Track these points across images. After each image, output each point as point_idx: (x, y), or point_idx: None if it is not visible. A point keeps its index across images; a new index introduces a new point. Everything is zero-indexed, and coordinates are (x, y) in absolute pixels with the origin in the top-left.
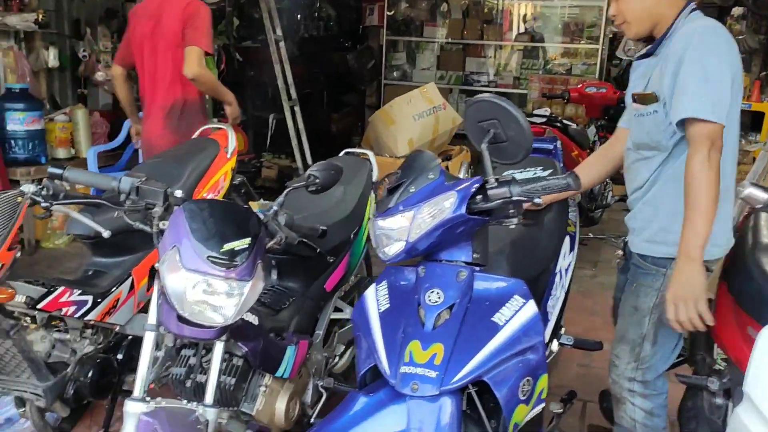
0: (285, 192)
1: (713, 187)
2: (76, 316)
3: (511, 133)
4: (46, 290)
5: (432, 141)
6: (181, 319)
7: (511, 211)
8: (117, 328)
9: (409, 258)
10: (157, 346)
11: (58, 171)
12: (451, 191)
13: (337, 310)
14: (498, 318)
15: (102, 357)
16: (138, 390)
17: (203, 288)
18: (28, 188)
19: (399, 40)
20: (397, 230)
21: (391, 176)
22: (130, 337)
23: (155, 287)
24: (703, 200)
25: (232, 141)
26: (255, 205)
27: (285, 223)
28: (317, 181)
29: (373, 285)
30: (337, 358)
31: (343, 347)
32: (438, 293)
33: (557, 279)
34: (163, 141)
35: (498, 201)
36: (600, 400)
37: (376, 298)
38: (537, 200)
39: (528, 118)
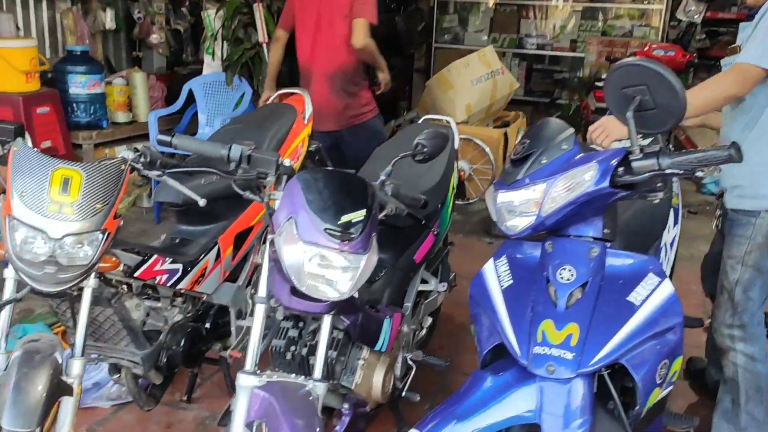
0: (393, 161)
1: (706, 102)
2: (169, 284)
3: (661, 99)
4: (141, 258)
5: (489, 106)
6: (294, 292)
7: (659, 184)
8: (204, 297)
9: (535, 233)
10: (242, 316)
11: (167, 138)
12: (591, 163)
13: (423, 281)
14: (633, 297)
15: (192, 326)
16: (249, 363)
17: (319, 261)
18: (128, 155)
19: (450, 0)
20: (524, 204)
21: (516, 146)
22: (215, 306)
23: (265, 258)
24: (695, 99)
25: (309, 106)
26: None
27: (391, 193)
28: (425, 150)
29: (491, 260)
30: (424, 331)
31: (430, 320)
32: (570, 270)
33: (662, 254)
34: (330, 105)
35: (646, 174)
36: (687, 363)
37: (496, 274)
38: (699, 173)
39: (597, 83)
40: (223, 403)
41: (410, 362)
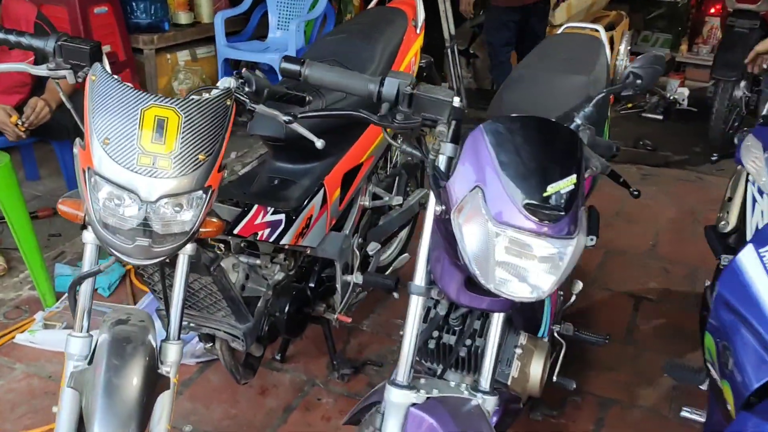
0: (594, 99)
1: None
2: (271, 240)
3: None
4: (240, 210)
5: (590, 6)
6: (468, 284)
7: None
8: (308, 251)
9: None
10: (348, 270)
11: (296, 67)
12: None
13: None
14: None
15: (296, 287)
16: (403, 374)
17: (509, 247)
18: (230, 83)
19: None
20: None
21: None
22: (319, 261)
23: (424, 237)
24: None
25: (421, 11)
26: None
27: (587, 143)
28: (639, 82)
29: (750, 246)
30: (573, 298)
31: (580, 284)
32: None
33: None
34: None
35: None
36: None
37: (764, 268)
38: None
39: None
40: (321, 363)
41: (557, 337)
